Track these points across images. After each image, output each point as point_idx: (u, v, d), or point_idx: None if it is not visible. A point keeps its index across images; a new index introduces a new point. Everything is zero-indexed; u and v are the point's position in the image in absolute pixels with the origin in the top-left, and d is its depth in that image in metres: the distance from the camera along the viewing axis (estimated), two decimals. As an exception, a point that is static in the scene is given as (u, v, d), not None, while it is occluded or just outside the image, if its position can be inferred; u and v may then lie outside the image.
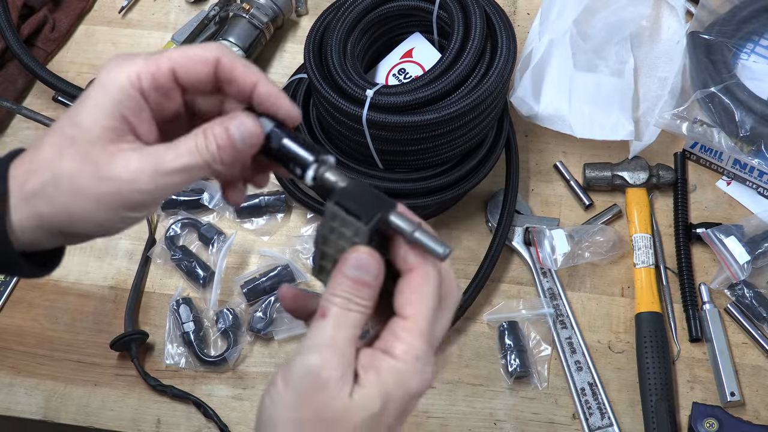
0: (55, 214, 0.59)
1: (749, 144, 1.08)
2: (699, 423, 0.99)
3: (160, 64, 0.60)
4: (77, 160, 0.58)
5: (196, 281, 1.12)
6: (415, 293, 0.58)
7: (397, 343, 0.57)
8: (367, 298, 0.57)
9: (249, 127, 0.60)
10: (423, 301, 0.58)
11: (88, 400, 1.07)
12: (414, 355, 0.57)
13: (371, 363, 0.57)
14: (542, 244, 1.09)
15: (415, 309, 0.58)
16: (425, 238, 0.58)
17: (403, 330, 0.57)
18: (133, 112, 0.59)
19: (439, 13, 1.05)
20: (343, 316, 0.57)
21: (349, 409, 0.55)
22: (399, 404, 0.57)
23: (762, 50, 1.17)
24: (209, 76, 0.61)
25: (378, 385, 0.56)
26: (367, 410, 0.56)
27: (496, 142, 1.09)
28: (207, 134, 0.60)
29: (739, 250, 1.06)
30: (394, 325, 0.58)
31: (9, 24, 1.21)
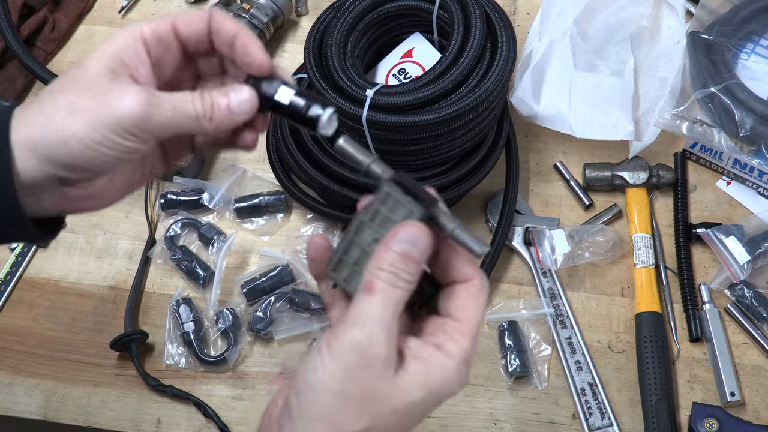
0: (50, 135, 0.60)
1: (749, 144, 1.08)
2: (699, 423, 0.99)
3: (162, 20, 0.65)
4: (77, 89, 0.61)
5: (196, 281, 1.12)
6: (472, 300, 0.60)
7: (450, 343, 0.59)
8: (413, 275, 0.58)
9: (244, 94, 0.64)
10: (478, 309, 0.60)
11: (88, 400, 1.07)
12: (463, 357, 0.59)
13: (420, 353, 0.58)
14: (542, 244, 1.09)
15: (470, 315, 0.60)
16: (466, 236, 0.60)
17: (458, 332, 0.59)
18: (133, 57, 0.63)
19: (439, 13, 1.05)
20: (390, 292, 0.57)
21: (391, 391, 0.57)
22: (437, 400, 0.58)
23: (762, 50, 1.17)
24: (204, 29, 0.65)
25: (424, 377, 0.57)
26: (409, 397, 0.57)
27: (496, 142, 1.09)
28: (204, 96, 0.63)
29: (739, 250, 1.06)
30: (447, 325, 0.60)
31: (9, 24, 1.21)
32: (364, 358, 0.56)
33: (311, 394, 0.57)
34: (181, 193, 1.17)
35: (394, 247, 0.58)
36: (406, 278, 0.58)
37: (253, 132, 0.69)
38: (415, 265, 0.58)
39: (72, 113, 0.60)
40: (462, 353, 0.59)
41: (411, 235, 0.58)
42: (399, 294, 0.58)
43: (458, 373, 0.58)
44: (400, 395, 0.57)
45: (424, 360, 0.58)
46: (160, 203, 1.16)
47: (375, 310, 0.57)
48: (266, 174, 1.16)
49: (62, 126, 0.60)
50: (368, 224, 0.60)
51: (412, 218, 0.59)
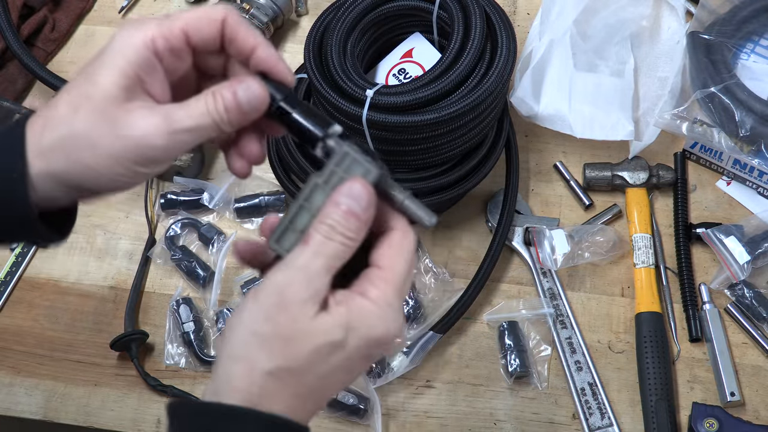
0: (71, 168, 0.60)
1: (749, 144, 1.08)
2: (699, 423, 0.99)
3: (173, 26, 0.62)
4: (93, 117, 0.60)
5: (196, 281, 1.12)
6: (395, 248, 0.61)
7: (372, 288, 0.59)
8: (354, 231, 0.59)
9: (254, 91, 0.62)
10: (401, 256, 0.61)
11: (88, 400, 1.07)
12: (386, 301, 0.59)
13: (344, 299, 0.59)
14: (542, 244, 1.09)
15: (393, 262, 0.61)
16: (416, 206, 0.61)
17: (379, 278, 0.60)
18: (148, 72, 0.61)
19: (439, 13, 1.05)
20: (324, 245, 0.58)
21: (309, 332, 0.57)
22: (362, 342, 0.59)
23: (762, 50, 1.17)
24: (217, 35, 0.63)
25: (345, 317, 0.58)
26: (329, 336, 0.58)
27: (496, 142, 1.09)
28: (216, 96, 0.61)
29: (739, 250, 1.06)
30: (369, 273, 0.60)
31: (9, 24, 1.21)
32: (280, 298, 0.57)
33: (231, 334, 0.59)
34: (181, 193, 1.17)
35: (337, 200, 0.59)
36: (345, 233, 0.59)
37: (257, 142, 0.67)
38: (356, 221, 0.59)
39: (90, 149, 0.60)
40: (383, 297, 0.59)
41: (353, 190, 0.59)
42: (334, 247, 0.59)
43: (381, 317, 0.59)
44: (319, 334, 0.57)
45: (346, 304, 0.59)
46: (160, 203, 1.16)
47: (302, 258, 0.58)
48: (266, 174, 1.16)
49: (83, 161, 0.60)
50: (321, 187, 0.60)
51: (368, 178, 0.60)
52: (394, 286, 0.60)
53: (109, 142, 0.60)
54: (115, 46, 0.61)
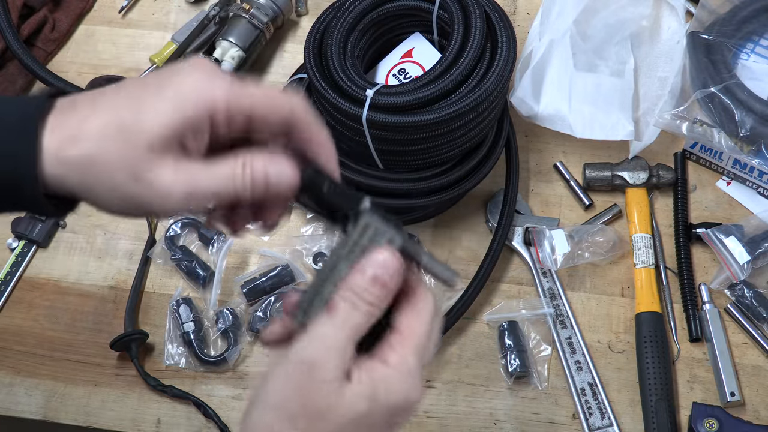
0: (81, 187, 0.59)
1: (749, 144, 1.08)
2: (699, 423, 0.99)
3: (242, 99, 0.59)
4: (120, 152, 0.58)
5: (196, 281, 1.12)
6: (415, 311, 0.60)
7: (392, 354, 0.58)
8: (379, 299, 0.58)
9: (286, 173, 0.60)
10: (421, 319, 0.60)
11: (88, 400, 1.07)
12: (407, 368, 0.58)
13: (366, 368, 0.58)
14: (542, 244, 1.09)
15: (413, 325, 0.59)
16: (439, 267, 0.61)
17: (399, 343, 0.59)
18: (195, 133, 0.59)
19: (439, 13, 1.05)
20: (350, 314, 0.57)
21: (337, 406, 0.56)
22: (385, 411, 0.58)
23: (762, 50, 1.17)
24: (281, 122, 0.61)
25: (368, 388, 0.57)
26: (353, 410, 0.57)
27: (496, 142, 1.09)
28: (245, 167, 0.59)
29: (739, 250, 1.06)
30: (391, 338, 0.59)
31: (9, 24, 1.21)
32: (310, 376, 0.56)
33: (259, 404, 0.58)
34: (181, 193, 1.17)
35: (365, 269, 0.58)
36: (371, 301, 0.58)
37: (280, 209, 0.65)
38: (382, 289, 0.58)
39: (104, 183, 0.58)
40: (403, 363, 0.58)
41: (383, 259, 0.58)
42: (359, 317, 0.58)
43: (402, 383, 0.58)
44: (345, 409, 0.56)
45: (368, 371, 0.58)
46: (160, 203, 1.16)
47: (330, 330, 0.57)
48: (266, 174, 1.16)
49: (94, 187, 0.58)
50: (345, 258, 0.59)
51: (394, 245, 0.59)
52: (414, 351, 0.59)
53: (125, 184, 0.58)
54: (181, 89, 0.58)
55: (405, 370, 0.58)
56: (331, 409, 0.56)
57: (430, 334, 0.60)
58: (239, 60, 1.19)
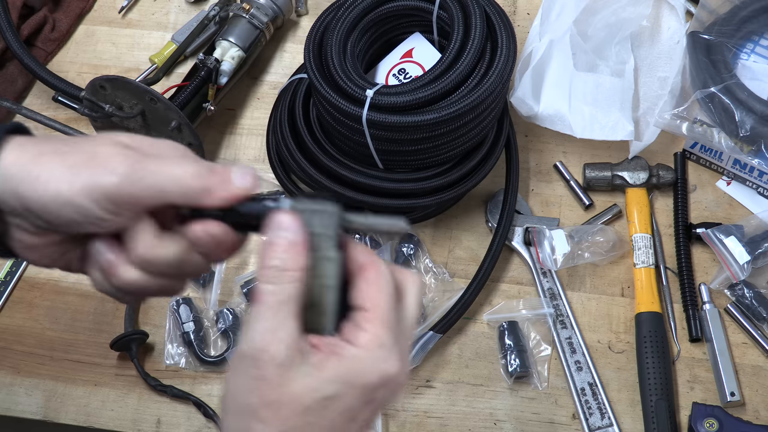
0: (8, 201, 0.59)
1: (749, 144, 1.08)
2: (699, 423, 0.99)
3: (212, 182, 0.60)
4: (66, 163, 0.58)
5: (196, 281, 1.12)
6: (372, 285, 0.59)
7: (361, 333, 0.57)
8: (290, 261, 0.57)
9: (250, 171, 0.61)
10: (381, 292, 0.59)
11: (88, 400, 1.07)
12: (377, 343, 0.57)
13: (333, 350, 0.57)
14: (542, 244, 1.09)
15: (375, 300, 0.58)
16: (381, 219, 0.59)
17: (366, 320, 0.58)
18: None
19: (439, 13, 1.05)
20: (276, 294, 0.57)
21: (297, 391, 0.56)
22: (360, 392, 0.57)
23: (762, 50, 1.17)
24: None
25: (337, 370, 0.56)
26: (320, 393, 0.56)
27: (496, 142, 1.09)
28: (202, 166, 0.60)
29: (739, 250, 1.06)
30: (356, 317, 0.58)
31: (9, 24, 1.21)
32: (256, 369, 0.55)
33: (225, 412, 0.58)
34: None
35: (265, 243, 0.57)
36: (284, 267, 0.57)
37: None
38: (295, 250, 0.57)
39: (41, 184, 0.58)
40: (374, 340, 0.57)
41: (275, 223, 0.58)
42: (285, 290, 0.57)
43: (374, 360, 0.57)
44: (309, 392, 0.56)
45: (337, 354, 0.57)
46: (160, 203, 1.16)
47: (261, 317, 0.56)
48: (266, 174, 1.16)
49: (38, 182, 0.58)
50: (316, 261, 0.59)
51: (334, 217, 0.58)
52: (383, 325, 0.58)
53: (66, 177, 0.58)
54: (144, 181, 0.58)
55: (375, 346, 0.57)
56: (292, 396, 0.55)
57: (393, 303, 0.59)
58: (239, 60, 1.19)
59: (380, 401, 0.58)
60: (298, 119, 1.08)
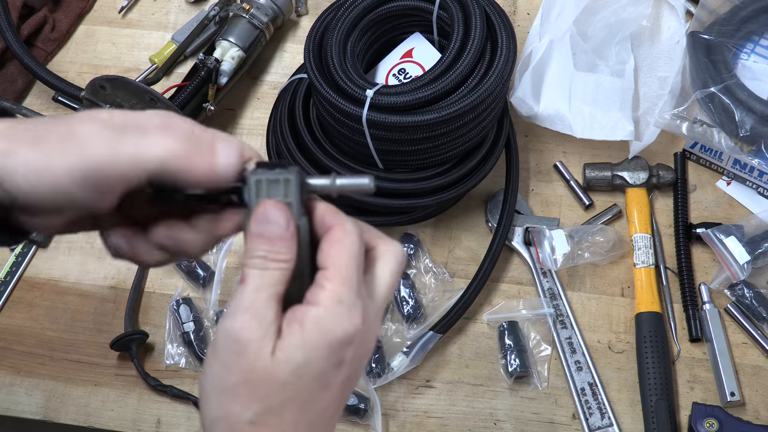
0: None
1: (749, 144, 1.08)
2: (699, 423, 0.99)
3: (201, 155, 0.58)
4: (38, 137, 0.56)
5: (196, 281, 1.12)
6: (335, 245, 0.58)
7: (320, 291, 0.57)
8: (284, 252, 0.57)
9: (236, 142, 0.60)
10: (342, 250, 0.58)
11: (88, 400, 1.07)
12: (336, 299, 0.56)
13: (295, 316, 0.56)
14: (542, 244, 1.09)
15: (335, 258, 0.57)
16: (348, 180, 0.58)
17: (325, 278, 0.57)
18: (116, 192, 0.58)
19: (439, 13, 1.05)
20: (261, 277, 0.57)
21: (271, 366, 0.55)
22: (327, 352, 0.56)
23: (762, 50, 1.17)
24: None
25: (300, 335, 0.55)
26: (291, 363, 0.55)
27: (496, 142, 1.09)
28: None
29: (739, 250, 1.06)
30: (317, 277, 0.58)
31: (9, 24, 1.21)
32: (237, 345, 0.55)
33: (204, 397, 0.57)
34: (181, 193, 1.17)
35: (254, 230, 0.57)
36: (277, 257, 0.57)
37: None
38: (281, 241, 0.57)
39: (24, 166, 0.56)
40: (333, 297, 0.56)
41: (264, 215, 0.57)
42: (272, 275, 0.56)
43: (338, 316, 0.56)
44: (282, 365, 0.55)
45: (298, 320, 0.56)
46: (160, 203, 1.16)
47: (245, 297, 0.56)
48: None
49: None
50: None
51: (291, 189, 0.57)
52: (342, 282, 0.56)
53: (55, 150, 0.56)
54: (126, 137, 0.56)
55: (333, 303, 0.56)
56: (270, 371, 0.55)
57: (358, 259, 0.58)
58: (239, 60, 1.19)
59: (349, 363, 0.57)
60: (298, 119, 1.08)
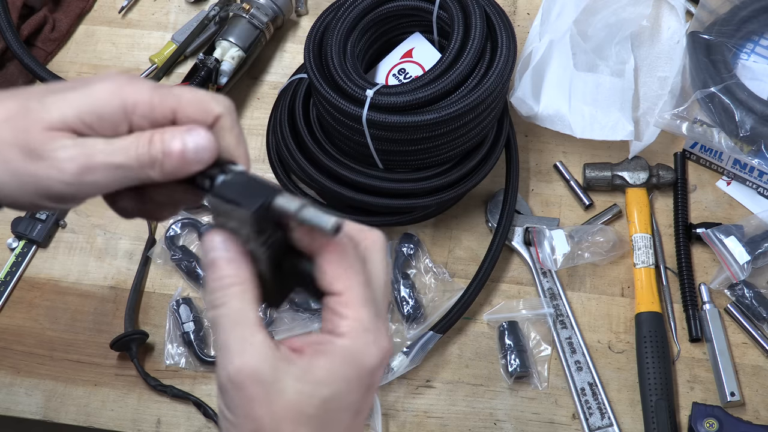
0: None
1: (749, 144, 1.08)
2: (699, 423, 0.99)
3: (166, 101, 0.57)
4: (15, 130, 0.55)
5: (196, 281, 1.12)
6: (340, 266, 0.55)
7: (342, 322, 0.55)
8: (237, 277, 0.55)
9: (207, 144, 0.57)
10: (350, 270, 0.55)
11: (88, 400, 1.07)
12: (362, 328, 0.54)
13: (318, 348, 0.54)
14: (542, 244, 1.09)
15: (347, 281, 0.55)
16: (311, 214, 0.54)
17: (342, 306, 0.55)
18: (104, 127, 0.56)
19: (439, 13, 1.05)
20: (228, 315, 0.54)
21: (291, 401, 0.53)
22: (358, 383, 0.54)
23: (762, 50, 1.17)
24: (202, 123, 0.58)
25: (329, 369, 0.54)
26: (317, 397, 0.53)
27: (496, 142, 1.09)
28: (153, 139, 0.56)
29: (739, 250, 1.06)
30: (330, 304, 0.55)
31: (9, 24, 1.21)
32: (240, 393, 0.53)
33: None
34: (181, 193, 1.17)
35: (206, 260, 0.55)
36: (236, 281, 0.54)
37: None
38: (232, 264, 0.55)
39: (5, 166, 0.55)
40: (357, 326, 0.54)
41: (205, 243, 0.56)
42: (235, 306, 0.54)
43: (364, 345, 0.54)
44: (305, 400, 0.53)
45: (324, 352, 0.54)
46: (160, 203, 1.16)
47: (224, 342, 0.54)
48: (266, 174, 1.16)
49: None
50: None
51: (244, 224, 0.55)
52: (362, 306, 0.55)
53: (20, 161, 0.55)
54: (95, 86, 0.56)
55: (362, 331, 0.54)
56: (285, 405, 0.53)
57: (365, 280, 0.56)
58: (239, 60, 1.19)
59: (377, 382, 0.56)
60: (298, 119, 1.08)
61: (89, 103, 0.55)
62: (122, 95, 0.56)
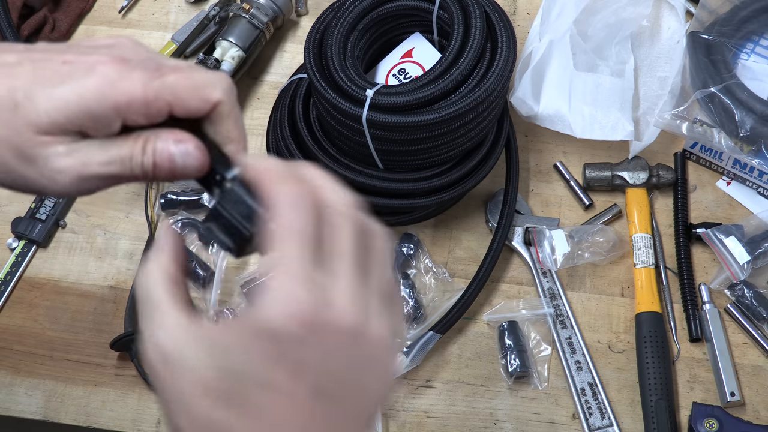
0: None
1: (749, 144, 1.08)
2: (699, 423, 0.99)
3: (161, 95, 0.55)
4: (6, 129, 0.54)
5: (196, 281, 1.12)
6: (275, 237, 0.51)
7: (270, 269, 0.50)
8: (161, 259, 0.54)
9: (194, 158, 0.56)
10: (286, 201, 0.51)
11: (88, 400, 1.07)
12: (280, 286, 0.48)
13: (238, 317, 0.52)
14: (542, 244, 1.09)
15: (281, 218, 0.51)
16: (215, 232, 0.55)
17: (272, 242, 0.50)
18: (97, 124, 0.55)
19: (439, 13, 1.05)
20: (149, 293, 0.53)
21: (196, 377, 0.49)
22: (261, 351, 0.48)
23: (762, 50, 1.17)
24: (202, 113, 0.57)
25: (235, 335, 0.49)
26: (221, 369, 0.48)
27: (496, 142, 1.09)
28: (146, 148, 0.55)
29: (739, 250, 1.06)
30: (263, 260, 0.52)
31: (9, 24, 1.21)
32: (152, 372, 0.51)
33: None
34: (181, 193, 1.17)
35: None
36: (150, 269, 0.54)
37: None
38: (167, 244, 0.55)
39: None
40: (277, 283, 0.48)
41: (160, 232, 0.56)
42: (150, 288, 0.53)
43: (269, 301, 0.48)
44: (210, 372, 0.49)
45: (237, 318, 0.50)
46: (160, 203, 1.16)
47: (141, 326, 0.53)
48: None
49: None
50: None
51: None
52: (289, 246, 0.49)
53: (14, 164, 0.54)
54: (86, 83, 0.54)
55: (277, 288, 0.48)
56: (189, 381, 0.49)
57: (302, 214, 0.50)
58: (239, 60, 1.20)
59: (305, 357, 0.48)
60: (298, 119, 1.08)
61: (79, 103, 0.54)
62: (114, 95, 0.54)
